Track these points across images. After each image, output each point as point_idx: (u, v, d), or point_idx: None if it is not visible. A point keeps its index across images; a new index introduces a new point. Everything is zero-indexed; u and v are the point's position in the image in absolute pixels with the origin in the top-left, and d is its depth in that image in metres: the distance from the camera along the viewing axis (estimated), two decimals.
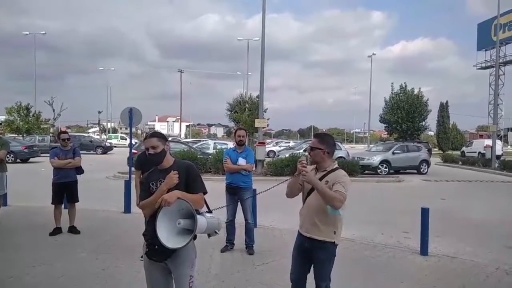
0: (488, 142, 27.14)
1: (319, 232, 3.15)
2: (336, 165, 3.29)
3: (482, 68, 42.06)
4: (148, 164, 2.96)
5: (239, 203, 5.76)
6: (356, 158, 19.55)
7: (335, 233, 3.18)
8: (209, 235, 2.83)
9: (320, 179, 3.15)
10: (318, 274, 3.22)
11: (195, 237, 2.69)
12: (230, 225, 5.72)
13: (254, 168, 5.78)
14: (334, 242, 3.18)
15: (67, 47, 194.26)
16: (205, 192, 2.86)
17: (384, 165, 19.06)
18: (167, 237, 2.59)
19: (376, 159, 19.18)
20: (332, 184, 3.07)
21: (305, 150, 18.73)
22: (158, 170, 2.87)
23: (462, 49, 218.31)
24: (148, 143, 2.83)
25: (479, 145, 31.30)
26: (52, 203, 6.55)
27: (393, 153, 19.88)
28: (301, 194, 3.37)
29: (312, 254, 3.21)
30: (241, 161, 5.66)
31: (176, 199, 2.62)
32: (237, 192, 5.69)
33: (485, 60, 40.96)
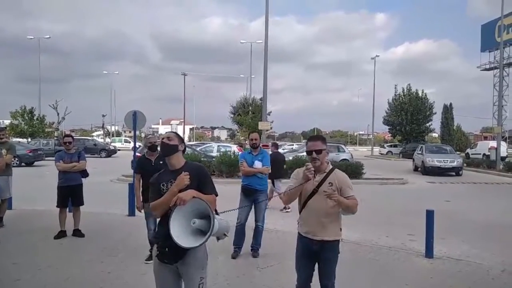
0: (493, 143, 26.97)
1: (329, 233, 3.21)
2: (331, 165, 3.33)
3: (486, 69, 41.79)
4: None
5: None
6: (444, 162, 19.85)
7: (340, 230, 3.29)
8: (218, 238, 2.77)
9: (322, 181, 3.18)
10: (326, 273, 3.25)
11: None
12: (241, 229, 5.64)
13: (270, 171, 5.81)
14: (340, 239, 3.30)
15: (71, 50, 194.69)
16: (216, 194, 2.86)
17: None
18: (181, 236, 2.54)
19: (460, 161, 20.35)
20: (339, 188, 3.13)
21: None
22: (169, 171, 2.87)
23: (465, 51, 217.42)
24: (166, 134, 2.96)
25: (484, 146, 31.12)
26: (57, 206, 6.57)
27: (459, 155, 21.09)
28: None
29: (320, 255, 3.24)
30: (257, 164, 5.66)
31: (192, 198, 2.61)
32: (253, 194, 5.69)
33: (489, 62, 40.68)
